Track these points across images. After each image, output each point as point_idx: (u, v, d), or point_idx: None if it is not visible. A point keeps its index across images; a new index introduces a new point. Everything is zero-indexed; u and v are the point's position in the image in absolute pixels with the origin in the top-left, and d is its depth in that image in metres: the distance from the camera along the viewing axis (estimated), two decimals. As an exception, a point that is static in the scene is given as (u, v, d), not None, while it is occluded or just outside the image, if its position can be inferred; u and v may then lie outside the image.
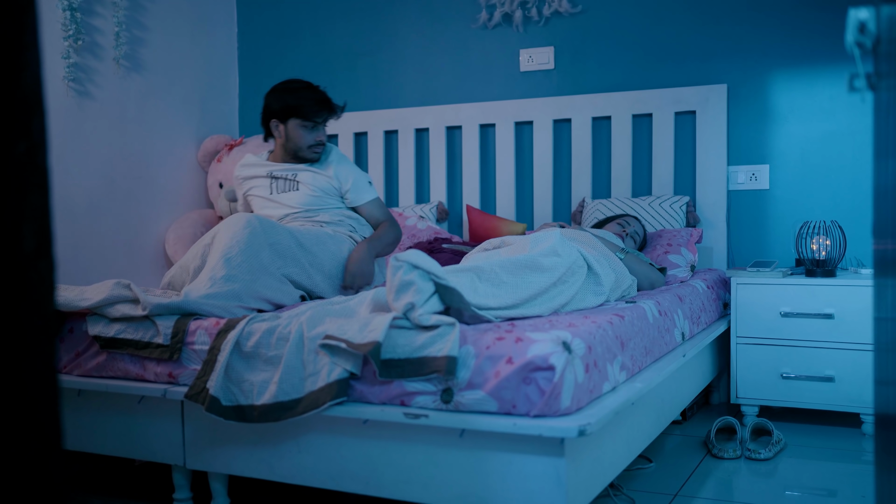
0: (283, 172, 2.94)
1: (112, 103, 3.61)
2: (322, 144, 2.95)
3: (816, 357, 2.91)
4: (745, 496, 2.32)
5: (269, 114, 2.93)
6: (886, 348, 1.09)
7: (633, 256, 2.84)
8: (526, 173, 3.86)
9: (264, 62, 4.37)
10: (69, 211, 3.39)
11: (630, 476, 2.42)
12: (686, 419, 3.08)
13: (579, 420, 1.62)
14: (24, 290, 0.63)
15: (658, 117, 3.56)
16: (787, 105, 3.42)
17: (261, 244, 2.36)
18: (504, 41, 3.89)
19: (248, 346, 1.95)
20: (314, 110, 2.88)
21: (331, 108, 2.93)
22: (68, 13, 3.34)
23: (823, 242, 3.00)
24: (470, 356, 1.71)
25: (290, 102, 2.88)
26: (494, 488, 1.71)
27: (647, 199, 3.47)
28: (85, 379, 2.19)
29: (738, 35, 3.48)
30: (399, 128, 4.04)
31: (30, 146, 0.64)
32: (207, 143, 4.05)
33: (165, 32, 3.90)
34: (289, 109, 2.88)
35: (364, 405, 1.82)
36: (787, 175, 3.42)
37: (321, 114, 2.90)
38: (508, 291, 2.03)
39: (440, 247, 3.15)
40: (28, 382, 0.63)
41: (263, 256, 2.35)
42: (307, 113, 2.88)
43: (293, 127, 2.91)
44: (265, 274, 2.32)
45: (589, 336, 1.80)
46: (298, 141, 2.91)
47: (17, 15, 0.64)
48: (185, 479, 2.15)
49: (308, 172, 2.92)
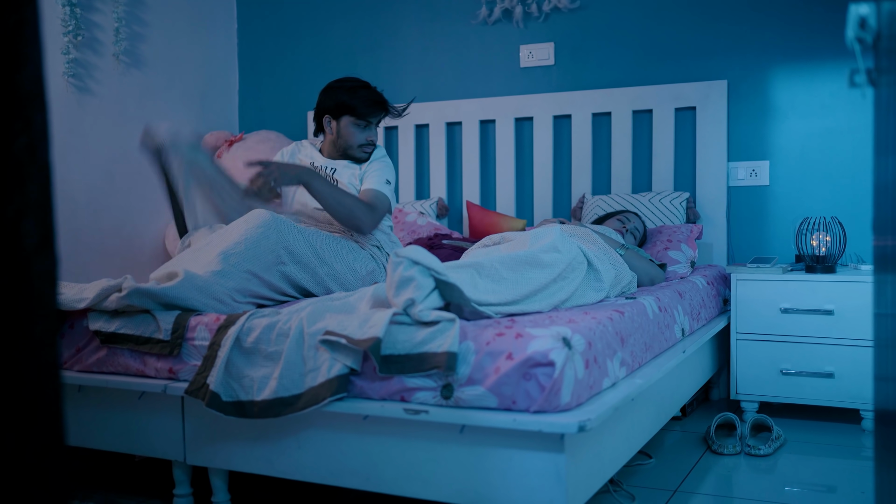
0: (323, 165, 2.92)
1: (112, 99, 3.61)
2: (373, 144, 2.92)
3: (816, 353, 2.91)
4: (744, 492, 2.32)
5: (323, 110, 2.90)
6: (886, 344, 1.09)
7: (633, 252, 2.85)
8: (526, 169, 3.86)
9: (264, 58, 4.36)
10: (69, 207, 3.39)
11: (630, 472, 2.42)
12: (686, 415, 3.09)
13: (579, 416, 1.63)
14: (27, 285, 0.63)
15: (658, 113, 3.56)
16: (787, 101, 3.42)
17: (273, 245, 2.33)
18: (504, 37, 3.89)
19: (248, 341, 1.95)
20: (368, 110, 2.86)
21: (385, 108, 2.90)
22: (68, 9, 3.34)
23: (823, 238, 3.00)
24: (470, 352, 1.71)
25: (344, 100, 2.86)
26: (494, 484, 1.71)
27: (648, 196, 3.47)
28: (85, 374, 2.19)
29: (738, 31, 3.48)
30: (399, 124, 4.03)
31: (31, 141, 0.64)
32: (207, 138, 4.04)
33: (165, 28, 3.89)
34: (343, 107, 2.86)
35: (364, 401, 1.82)
36: (787, 171, 3.42)
37: (375, 113, 2.88)
38: (508, 287, 2.03)
39: (440, 243, 3.15)
40: (31, 377, 0.64)
41: (268, 258, 2.32)
42: (361, 112, 2.85)
43: (346, 125, 2.88)
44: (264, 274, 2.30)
45: (589, 332, 1.81)
46: (350, 139, 2.89)
47: (18, 10, 0.64)
48: (185, 475, 2.15)
49: (346, 170, 2.90)
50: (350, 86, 2.88)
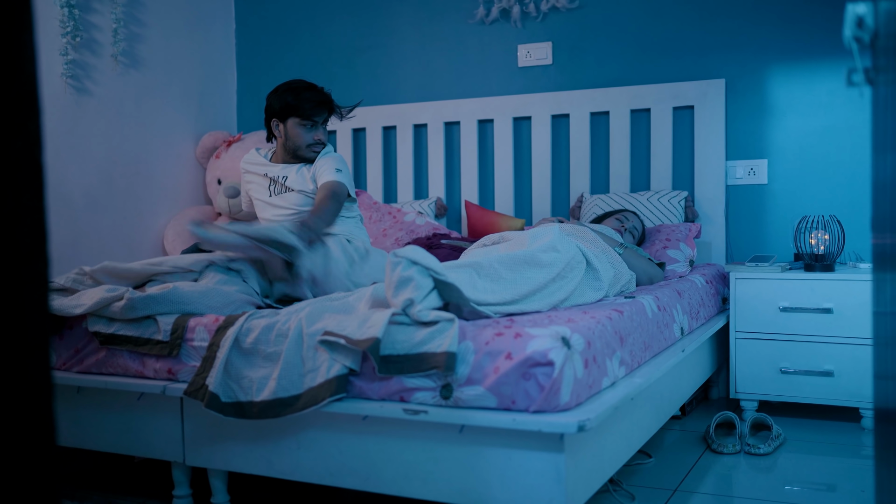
0: (276, 175, 2.95)
1: (110, 100, 3.60)
2: (321, 143, 2.94)
3: (815, 352, 2.91)
4: (744, 491, 2.32)
5: (271, 114, 2.94)
6: (885, 342, 1.09)
7: (631, 251, 2.84)
8: (524, 169, 3.86)
9: (262, 58, 4.36)
10: (67, 207, 3.39)
11: (629, 471, 2.42)
12: (685, 414, 3.09)
13: (578, 415, 1.63)
14: (19, 289, 0.63)
15: (656, 112, 3.56)
16: (785, 100, 3.42)
17: None
18: (502, 36, 3.88)
19: (247, 342, 1.95)
20: (313, 110, 2.88)
21: (330, 108, 2.93)
22: (66, 10, 3.34)
23: (822, 237, 3.00)
24: (469, 352, 1.71)
25: (289, 101, 2.88)
26: (494, 484, 1.71)
27: (646, 194, 3.47)
28: (84, 376, 2.19)
29: (736, 30, 3.48)
30: (397, 124, 4.03)
31: (25, 144, 0.64)
32: (206, 139, 4.04)
33: (163, 29, 3.89)
34: (288, 108, 2.88)
35: (363, 401, 1.82)
36: (785, 170, 3.42)
37: (320, 113, 2.90)
38: (507, 287, 2.03)
39: (439, 243, 3.15)
40: (22, 380, 0.63)
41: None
42: (305, 112, 2.87)
43: (292, 126, 2.90)
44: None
45: (588, 331, 1.80)
46: (297, 140, 2.91)
47: (13, 12, 0.63)
48: (184, 476, 2.15)
49: (297, 175, 2.93)
50: (294, 87, 2.91)
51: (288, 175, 2.92)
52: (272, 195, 2.94)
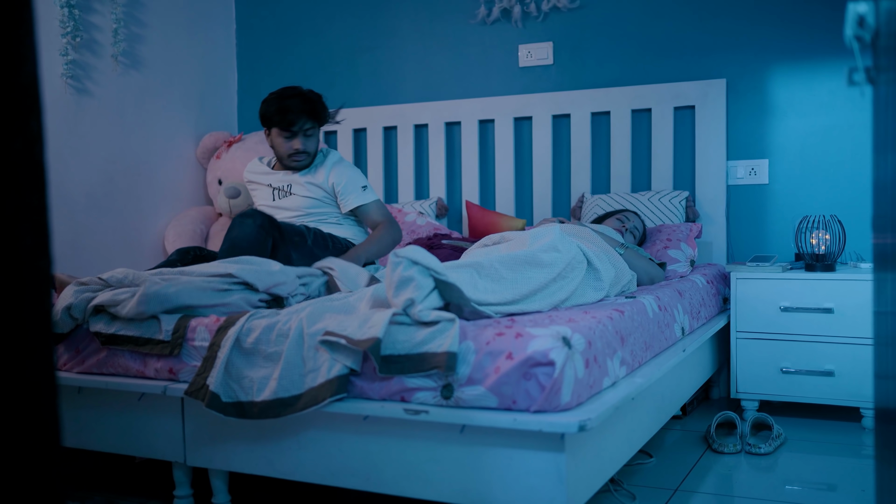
0: (280, 184, 2.95)
1: (111, 100, 3.60)
2: (302, 153, 2.92)
3: (816, 351, 2.91)
4: (745, 491, 2.32)
5: (261, 122, 2.95)
6: (886, 342, 1.09)
7: (632, 251, 2.84)
8: (525, 169, 3.86)
9: (263, 58, 4.36)
10: (68, 208, 3.39)
11: (630, 471, 2.42)
12: (686, 414, 3.08)
13: (579, 415, 1.62)
14: (22, 288, 0.63)
15: (657, 112, 3.56)
16: (786, 99, 3.42)
17: None
18: (503, 36, 3.88)
19: (248, 342, 1.95)
20: (289, 119, 2.85)
21: (311, 116, 2.88)
22: (66, 10, 3.34)
23: (823, 237, 3.00)
24: (470, 352, 1.71)
25: (269, 111, 2.87)
26: (495, 484, 1.71)
27: (647, 195, 3.47)
28: (85, 376, 2.19)
29: (736, 29, 3.47)
30: (398, 124, 4.03)
31: (27, 143, 0.64)
32: (206, 139, 4.04)
33: (164, 29, 3.89)
34: (268, 119, 2.88)
35: (364, 401, 1.82)
36: (786, 169, 3.42)
37: (296, 122, 2.86)
38: (508, 287, 2.02)
39: (440, 243, 3.15)
40: (26, 380, 0.63)
41: None
42: (281, 122, 2.85)
43: (275, 135, 2.91)
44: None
45: (589, 331, 1.80)
46: (279, 149, 2.92)
47: (13, 11, 0.63)
48: (185, 476, 2.15)
49: (300, 184, 2.93)
50: (279, 95, 2.89)
51: (292, 184, 2.93)
52: (276, 199, 2.95)
